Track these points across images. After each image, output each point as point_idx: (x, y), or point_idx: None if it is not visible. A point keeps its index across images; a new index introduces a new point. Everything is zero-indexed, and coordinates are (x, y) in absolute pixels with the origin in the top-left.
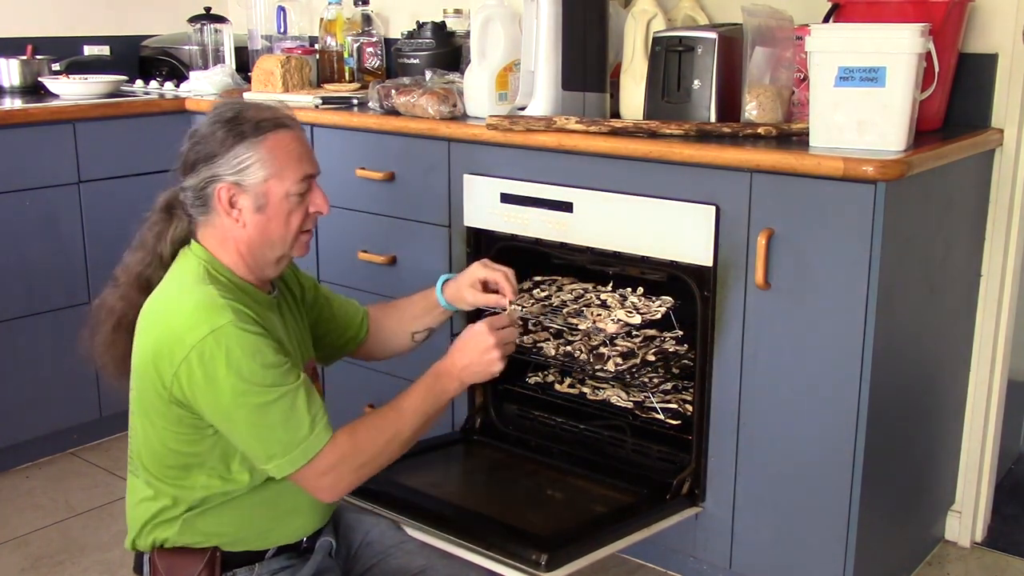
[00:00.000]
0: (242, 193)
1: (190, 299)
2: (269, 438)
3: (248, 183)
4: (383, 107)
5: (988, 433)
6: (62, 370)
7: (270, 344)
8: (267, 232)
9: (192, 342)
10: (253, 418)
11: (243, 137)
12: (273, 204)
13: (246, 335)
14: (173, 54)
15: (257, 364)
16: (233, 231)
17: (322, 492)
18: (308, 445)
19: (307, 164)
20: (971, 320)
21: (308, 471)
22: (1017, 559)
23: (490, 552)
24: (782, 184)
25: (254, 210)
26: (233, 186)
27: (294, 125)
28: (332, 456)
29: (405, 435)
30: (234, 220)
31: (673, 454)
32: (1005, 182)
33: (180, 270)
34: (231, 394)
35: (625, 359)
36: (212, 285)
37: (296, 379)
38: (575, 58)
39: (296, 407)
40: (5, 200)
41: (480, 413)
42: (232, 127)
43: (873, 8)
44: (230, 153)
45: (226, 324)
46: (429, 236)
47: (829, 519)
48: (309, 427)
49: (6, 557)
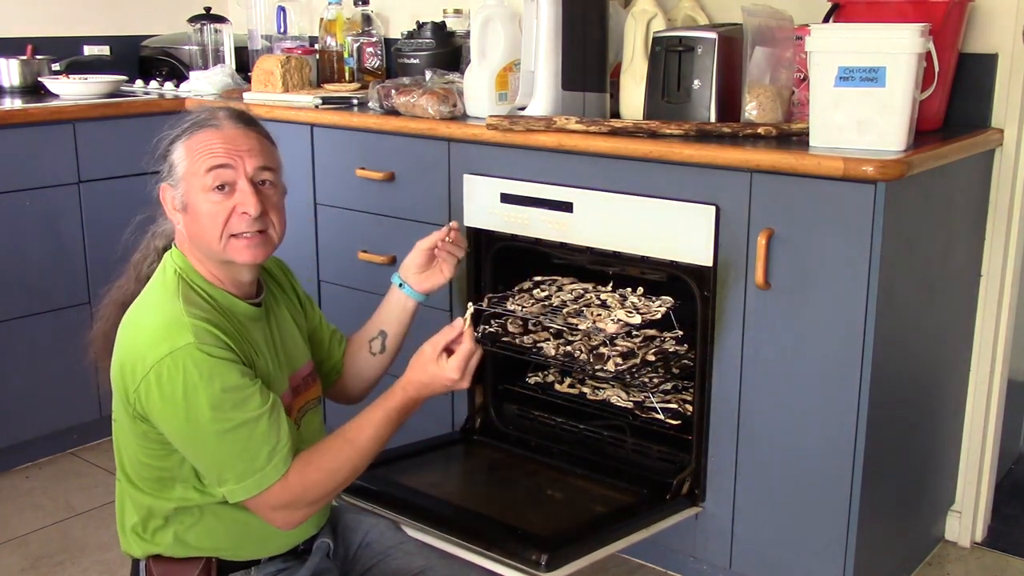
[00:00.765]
0: (174, 192)
1: (157, 316)
2: (223, 463)
3: (174, 181)
4: (383, 107)
5: (988, 433)
6: (62, 370)
7: (234, 368)
8: (195, 232)
9: (151, 362)
10: (208, 442)
11: (175, 139)
12: (193, 202)
13: (206, 358)
14: (173, 54)
15: (216, 388)
16: (181, 233)
17: (275, 523)
18: (263, 476)
19: (219, 157)
20: (971, 320)
21: (260, 502)
22: (1017, 559)
23: (490, 552)
24: (782, 184)
25: (180, 208)
26: (168, 187)
27: (220, 124)
28: (284, 494)
29: (361, 468)
30: (175, 222)
31: (673, 454)
32: (1005, 182)
33: (158, 280)
34: (186, 417)
35: (625, 359)
36: (183, 301)
37: (260, 405)
38: (575, 58)
39: (254, 435)
40: (5, 200)
41: (480, 413)
42: (172, 132)
43: (873, 8)
44: (167, 157)
45: (186, 345)
46: None
47: (829, 519)
48: (267, 457)
49: (6, 557)
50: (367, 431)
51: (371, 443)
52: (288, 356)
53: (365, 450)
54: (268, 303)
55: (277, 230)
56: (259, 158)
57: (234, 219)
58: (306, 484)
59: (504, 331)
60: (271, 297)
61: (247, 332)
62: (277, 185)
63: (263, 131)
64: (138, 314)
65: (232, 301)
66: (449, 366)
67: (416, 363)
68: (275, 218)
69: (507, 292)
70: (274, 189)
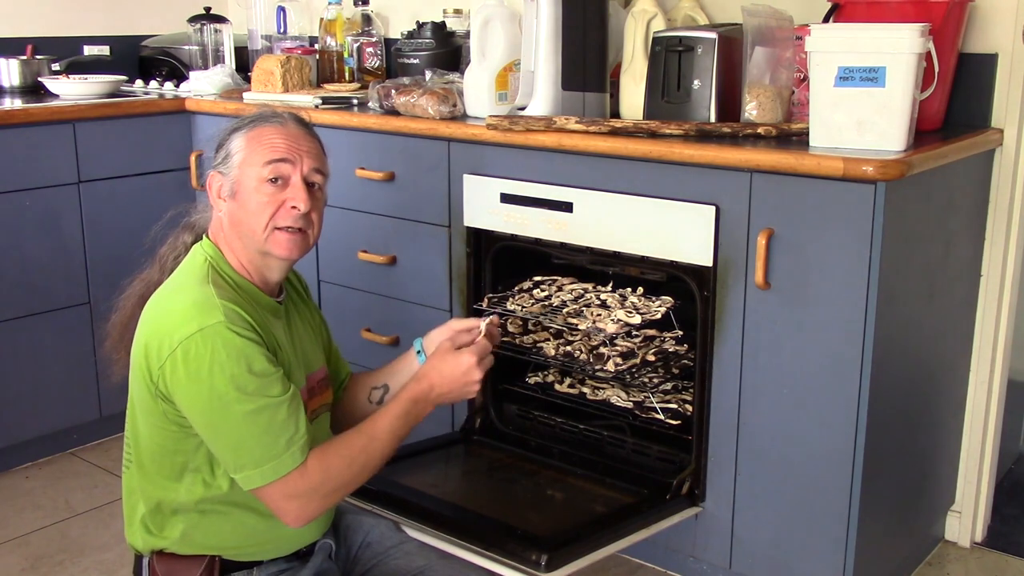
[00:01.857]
0: (224, 180)
1: (187, 297)
2: (242, 446)
3: (227, 169)
4: (383, 107)
5: (988, 433)
6: (62, 370)
7: (260, 351)
8: (240, 220)
9: (180, 338)
10: (229, 423)
11: (235, 130)
12: (244, 190)
13: (235, 337)
14: (173, 54)
15: (242, 368)
16: (222, 221)
17: (287, 515)
18: (280, 463)
19: (280, 151)
20: (971, 320)
21: (275, 490)
22: (1017, 559)
23: (490, 552)
24: (782, 184)
25: (229, 195)
26: (219, 174)
27: (285, 122)
28: (301, 482)
29: (376, 461)
30: (218, 209)
31: (673, 454)
32: (1005, 182)
33: (187, 266)
34: (209, 395)
35: (625, 359)
36: (212, 286)
37: (281, 392)
38: (575, 58)
39: (275, 420)
40: (5, 200)
41: (480, 413)
42: (231, 125)
43: (873, 8)
44: (224, 146)
45: (216, 323)
46: (429, 236)
47: (829, 519)
48: (285, 444)
49: (6, 557)
50: (381, 422)
51: (387, 435)
52: (305, 356)
53: (382, 441)
54: (287, 305)
55: (315, 232)
56: (316, 161)
57: (282, 212)
58: (325, 473)
59: (504, 331)
60: (290, 301)
61: (269, 324)
62: (323, 191)
63: (320, 140)
64: (165, 297)
65: (257, 293)
66: (466, 355)
67: (433, 356)
68: (316, 220)
69: (507, 292)
70: (321, 193)
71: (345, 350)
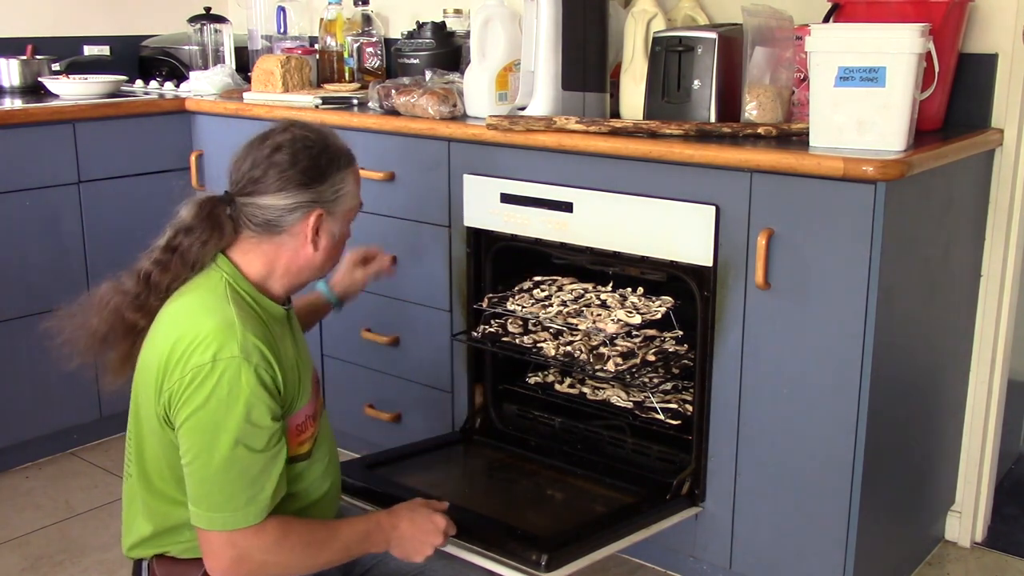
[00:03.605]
0: (330, 219)
1: (210, 321)
2: (205, 484)
3: (337, 210)
4: (383, 107)
5: (988, 433)
6: (62, 370)
7: (264, 401)
8: (330, 258)
9: (195, 363)
10: (204, 458)
11: (340, 166)
12: (343, 233)
13: (247, 376)
14: (173, 54)
15: (237, 411)
16: (297, 254)
17: (217, 562)
18: (232, 518)
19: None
20: (971, 320)
21: (220, 537)
22: (1017, 559)
23: (490, 552)
24: (782, 184)
25: (331, 236)
26: (326, 213)
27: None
28: (252, 540)
29: (321, 560)
30: (311, 245)
31: (673, 454)
32: (1005, 182)
33: (205, 283)
34: (196, 424)
35: (625, 359)
36: (234, 307)
37: (265, 447)
38: (575, 58)
39: (246, 474)
40: (5, 200)
41: (480, 413)
42: (330, 155)
43: (873, 8)
44: (329, 180)
45: (230, 358)
46: (429, 236)
47: (829, 519)
48: (245, 501)
49: (6, 557)
50: (346, 529)
51: (342, 544)
52: (307, 357)
53: (337, 546)
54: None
55: None
56: None
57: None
58: (279, 543)
59: (504, 331)
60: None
61: (279, 338)
62: None
63: None
64: (189, 315)
65: (268, 304)
66: (439, 517)
67: (413, 503)
68: None
69: (507, 292)
70: None
71: (345, 350)
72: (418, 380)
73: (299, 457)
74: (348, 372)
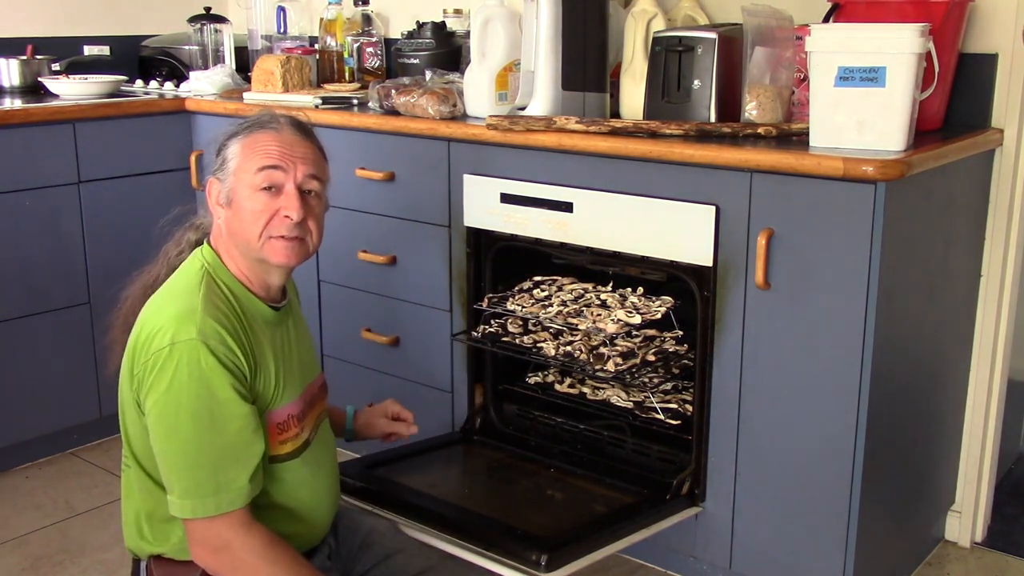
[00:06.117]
0: (221, 186)
1: (171, 307)
2: (175, 469)
3: (223, 176)
4: (383, 107)
5: (988, 433)
6: (62, 370)
7: (227, 379)
8: (235, 228)
9: (154, 349)
10: (172, 443)
11: (232, 136)
12: (239, 198)
13: (205, 356)
14: (173, 54)
15: (200, 391)
16: (220, 228)
17: (196, 549)
18: (204, 504)
19: (273, 158)
20: (971, 320)
21: (198, 526)
22: (1017, 559)
23: (490, 552)
24: (782, 184)
25: (224, 203)
26: (216, 181)
27: (280, 128)
28: (236, 536)
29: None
30: (218, 209)
31: (673, 454)
32: (1005, 182)
33: (183, 273)
34: (163, 411)
35: (625, 359)
36: (202, 297)
37: (237, 433)
38: (575, 58)
39: (211, 455)
40: (5, 200)
41: (480, 413)
42: (233, 129)
43: (873, 8)
44: (222, 152)
45: (187, 340)
46: (429, 236)
47: (829, 519)
48: (214, 489)
49: (6, 557)
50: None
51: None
52: (302, 366)
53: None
54: (286, 311)
55: (314, 240)
56: (311, 167)
57: (275, 221)
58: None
59: (504, 331)
60: (290, 306)
61: (258, 337)
62: (322, 197)
63: (319, 144)
64: (155, 304)
65: (253, 302)
66: None
67: None
68: (314, 228)
69: (507, 292)
70: (318, 200)
71: (345, 350)
72: (418, 380)
73: (281, 457)
74: (348, 372)
